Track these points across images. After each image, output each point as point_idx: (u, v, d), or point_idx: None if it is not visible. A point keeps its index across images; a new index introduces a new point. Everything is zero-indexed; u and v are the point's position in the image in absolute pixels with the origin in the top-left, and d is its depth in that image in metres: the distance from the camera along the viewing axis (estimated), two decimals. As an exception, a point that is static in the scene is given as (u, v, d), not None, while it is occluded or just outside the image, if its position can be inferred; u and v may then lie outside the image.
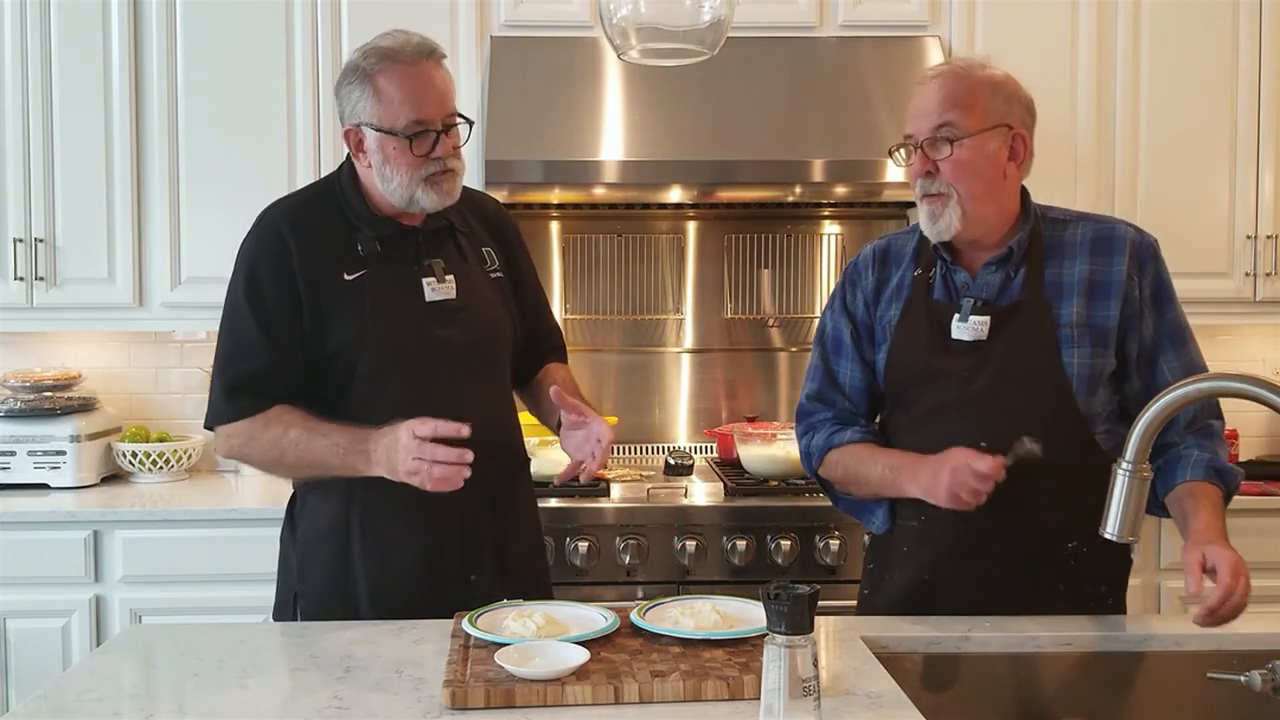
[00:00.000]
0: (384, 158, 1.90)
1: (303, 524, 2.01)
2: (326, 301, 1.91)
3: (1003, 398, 1.81)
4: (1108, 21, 3.23)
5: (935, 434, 1.84)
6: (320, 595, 1.97)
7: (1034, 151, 1.89)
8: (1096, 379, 1.82)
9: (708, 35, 1.75)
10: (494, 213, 2.16)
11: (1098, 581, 1.86)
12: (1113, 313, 1.82)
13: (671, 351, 3.56)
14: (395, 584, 1.92)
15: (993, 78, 1.85)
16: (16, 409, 3.17)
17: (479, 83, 3.15)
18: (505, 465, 2.03)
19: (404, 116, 1.88)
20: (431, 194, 1.91)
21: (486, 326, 2.01)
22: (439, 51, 1.95)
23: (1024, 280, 1.84)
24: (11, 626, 2.89)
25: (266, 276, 1.92)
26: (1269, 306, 3.28)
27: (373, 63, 1.90)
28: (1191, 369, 1.84)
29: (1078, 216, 1.92)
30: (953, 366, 1.84)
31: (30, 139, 3.13)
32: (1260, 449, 3.56)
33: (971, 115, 1.80)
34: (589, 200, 3.17)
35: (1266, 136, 3.24)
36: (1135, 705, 1.71)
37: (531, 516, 2.13)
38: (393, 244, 1.96)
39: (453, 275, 1.97)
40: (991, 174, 1.82)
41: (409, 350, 1.93)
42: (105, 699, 1.47)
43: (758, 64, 3.08)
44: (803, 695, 1.19)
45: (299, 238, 1.93)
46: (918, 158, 1.82)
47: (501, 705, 1.40)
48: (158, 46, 3.14)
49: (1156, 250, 1.88)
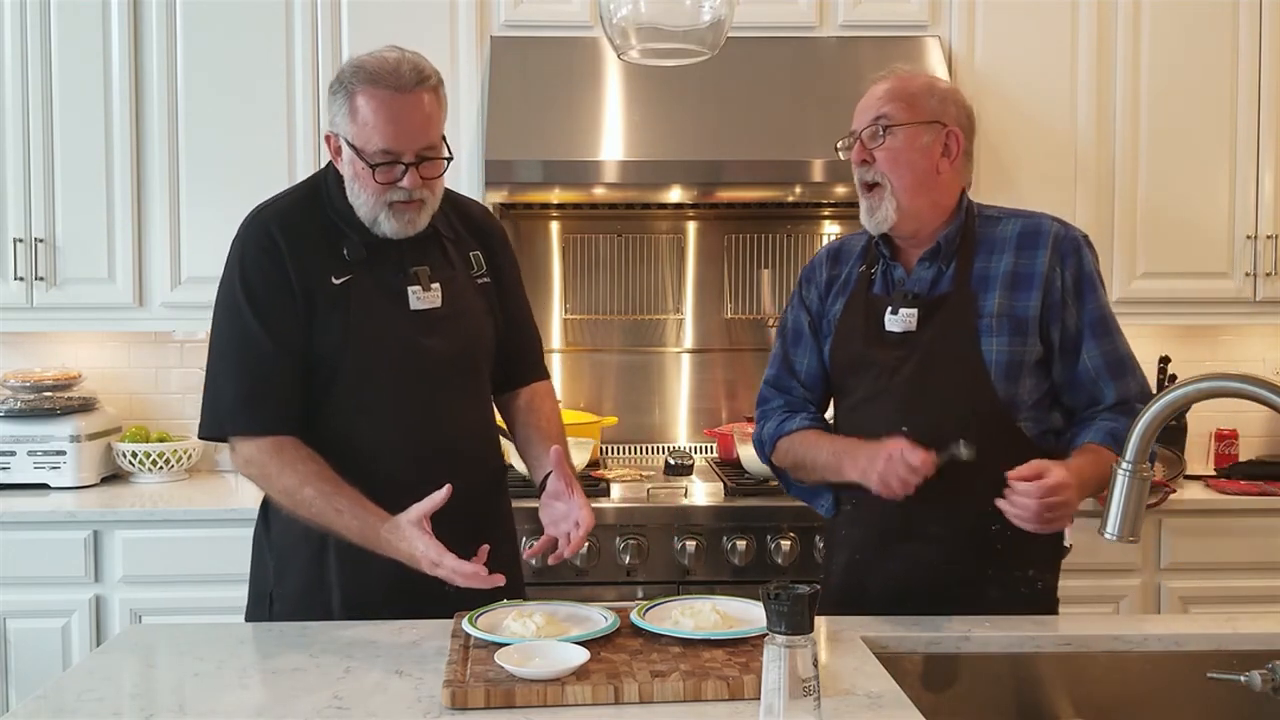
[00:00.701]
0: (353, 174, 1.89)
1: (277, 526, 1.99)
2: (314, 305, 1.90)
3: (925, 386, 1.91)
4: (1108, 21, 3.23)
5: (865, 421, 1.97)
6: (294, 600, 1.95)
7: (971, 155, 1.98)
8: (1016, 367, 1.89)
9: (708, 35, 1.75)
10: (480, 219, 2.14)
11: (1025, 565, 1.90)
12: (1033, 303, 1.89)
13: (671, 351, 3.56)
14: (370, 594, 1.89)
15: (933, 82, 1.98)
16: (16, 409, 3.17)
17: (479, 83, 3.15)
18: (484, 476, 2.03)
19: (373, 143, 1.84)
20: (393, 221, 1.89)
21: (470, 336, 2.00)
22: (432, 80, 1.88)
23: (953, 274, 1.93)
24: (11, 626, 2.89)
25: (263, 278, 1.90)
26: (1269, 306, 3.28)
27: (355, 81, 1.85)
28: (1112, 359, 1.92)
29: (1010, 213, 2.00)
30: (883, 357, 1.94)
31: (30, 139, 3.13)
32: (1260, 449, 3.55)
33: (906, 109, 1.91)
34: (589, 200, 3.17)
35: (1266, 136, 3.24)
36: (1135, 705, 1.71)
37: (508, 526, 2.13)
38: (379, 250, 1.93)
39: (438, 283, 1.96)
40: (924, 166, 1.92)
41: (392, 358, 1.92)
42: (105, 699, 1.47)
43: (758, 64, 3.08)
44: (803, 695, 1.19)
45: (289, 239, 1.91)
46: (856, 147, 1.94)
47: (501, 705, 1.40)
48: (158, 47, 3.14)
49: (1080, 244, 1.95)
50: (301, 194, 2.02)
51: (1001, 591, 1.88)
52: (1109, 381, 1.91)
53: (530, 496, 2.79)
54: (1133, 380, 1.94)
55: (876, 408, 1.95)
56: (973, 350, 1.88)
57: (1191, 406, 1.97)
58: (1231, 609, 2.91)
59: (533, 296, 2.30)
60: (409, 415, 1.92)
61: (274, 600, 1.98)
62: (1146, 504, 1.52)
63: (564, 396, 3.53)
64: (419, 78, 1.86)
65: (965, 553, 1.89)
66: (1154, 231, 3.25)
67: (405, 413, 1.92)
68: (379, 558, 1.84)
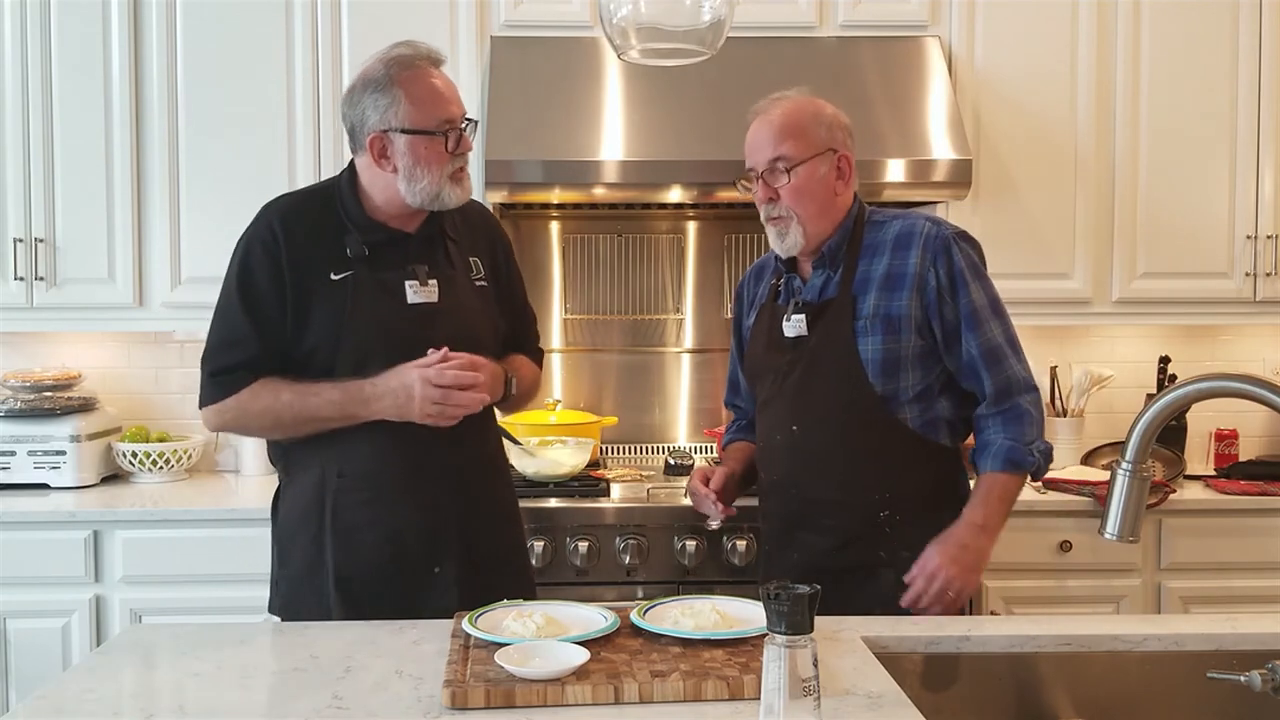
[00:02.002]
0: (414, 159, 1.99)
1: (281, 512, 2.10)
2: (311, 299, 1.99)
3: (811, 387, 2.06)
4: (1108, 21, 3.23)
5: (766, 423, 2.16)
6: (295, 580, 2.05)
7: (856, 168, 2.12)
8: (893, 363, 2.02)
9: (708, 35, 1.75)
10: (481, 220, 2.23)
11: (913, 548, 1.99)
12: (905, 301, 2.02)
13: (671, 351, 3.56)
14: (360, 571, 2.00)
15: (815, 109, 2.09)
16: (16, 409, 3.17)
17: (479, 83, 3.15)
18: (478, 465, 2.11)
19: (436, 115, 1.99)
20: (456, 190, 2.03)
21: (466, 330, 2.06)
22: (444, 59, 2.08)
23: (840, 279, 2.07)
24: (11, 626, 2.89)
25: (258, 269, 2.00)
26: (1269, 306, 3.28)
27: (397, 70, 1.99)
28: (987, 348, 2.02)
29: (895, 216, 2.12)
30: (779, 362, 2.11)
31: (30, 139, 3.13)
32: (1260, 449, 3.56)
33: (801, 145, 2.04)
34: (589, 200, 3.17)
35: (1266, 136, 3.24)
36: (1135, 705, 1.71)
37: (509, 516, 2.20)
38: (381, 248, 2.03)
39: (436, 280, 2.05)
40: (824, 195, 2.06)
41: (386, 350, 1.99)
42: (105, 699, 1.47)
43: (758, 64, 3.08)
44: (803, 695, 1.19)
45: (289, 233, 2.01)
46: (760, 187, 2.06)
47: (501, 705, 1.40)
48: (158, 46, 3.14)
49: (950, 241, 2.04)
50: (315, 191, 2.15)
51: (895, 574, 1.99)
52: (984, 370, 2.02)
53: (556, 495, 2.84)
54: (1009, 368, 2.03)
55: (773, 409, 2.12)
56: (850, 350, 2.02)
57: (1191, 406, 1.98)
58: (1231, 609, 2.91)
59: (533, 296, 2.31)
60: None
61: (277, 583, 2.09)
62: (1146, 504, 1.52)
63: (564, 396, 3.54)
64: (439, 58, 2.06)
65: (858, 540, 2.05)
66: (1154, 231, 3.25)
67: None
68: (368, 537, 1.98)
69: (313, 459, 2.04)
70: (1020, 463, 2.01)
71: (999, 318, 2.05)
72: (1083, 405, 3.42)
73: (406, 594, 1.99)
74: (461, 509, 2.06)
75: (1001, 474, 2.01)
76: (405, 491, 2.01)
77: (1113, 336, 3.57)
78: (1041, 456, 2.04)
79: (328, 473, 2.02)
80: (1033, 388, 2.06)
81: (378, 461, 2.01)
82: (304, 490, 2.05)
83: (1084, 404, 3.42)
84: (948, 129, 3.05)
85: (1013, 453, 2.01)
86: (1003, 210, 3.21)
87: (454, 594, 1.99)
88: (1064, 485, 3.09)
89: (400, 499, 2.01)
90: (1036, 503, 2.99)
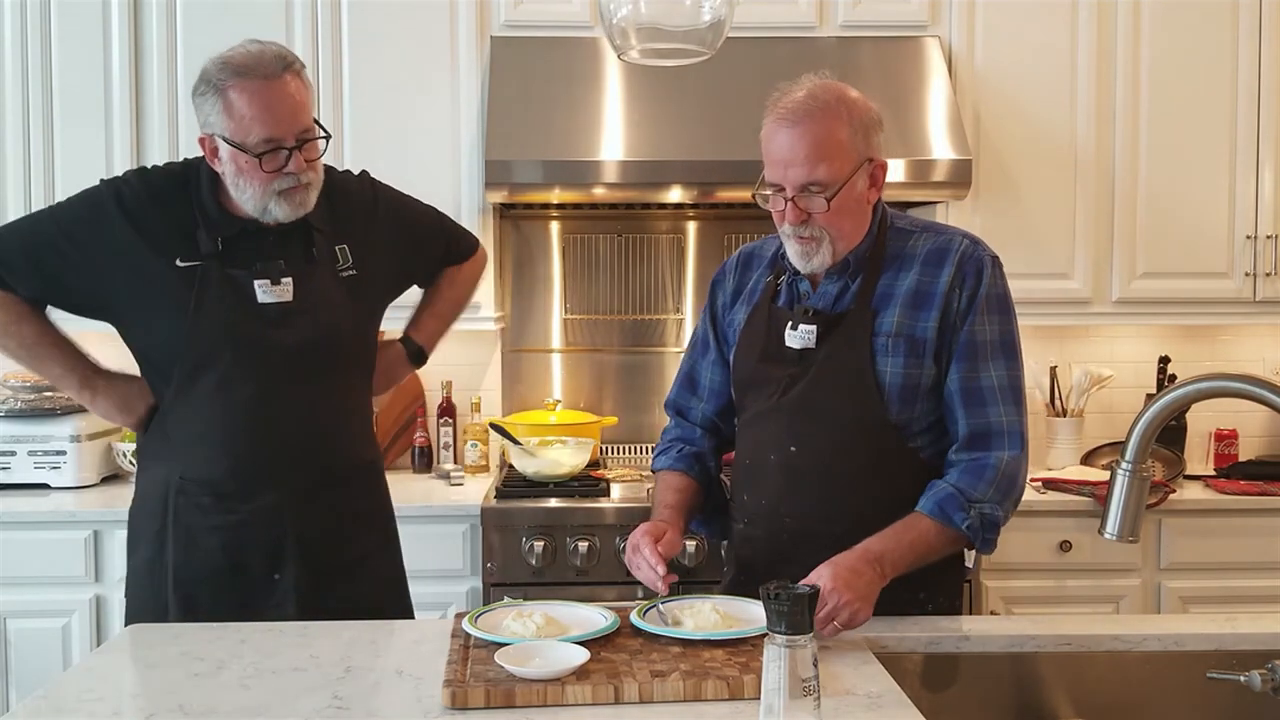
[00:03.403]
0: (236, 170, 1.91)
1: (134, 503, 2.07)
2: (154, 286, 1.94)
3: (814, 404, 1.82)
4: (1108, 21, 3.23)
5: (753, 438, 1.91)
6: (137, 573, 2.03)
7: (887, 166, 1.86)
8: (912, 390, 1.78)
9: (707, 35, 1.75)
10: (353, 197, 2.13)
11: (914, 589, 1.79)
12: (930, 324, 1.78)
13: (672, 351, 3.56)
14: (198, 574, 1.96)
15: (847, 112, 1.78)
16: (16, 409, 3.17)
17: (479, 83, 3.15)
18: (323, 468, 2.03)
19: (254, 134, 1.87)
20: (284, 206, 1.93)
21: (321, 330, 2.00)
22: (296, 64, 1.93)
23: (857, 290, 1.83)
24: (11, 626, 2.89)
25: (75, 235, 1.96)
26: (1269, 306, 3.28)
27: (224, 77, 1.88)
28: (967, 385, 1.78)
29: (924, 228, 1.88)
30: (778, 373, 1.86)
31: (30, 139, 3.13)
32: (1260, 449, 3.56)
33: (838, 166, 1.75)
34: (589, 200, 3.17)
35: (1266, 136, 3.24)
36: (1135, 705, 1.71)
37: (369, 524, 2.12)
38: (234, 243, 1.97)
39: (291, 278, 1.98)
40: (859, 210, 1.81)
41: (230, 349, 1.94)
42: (105, 699, 1.47)
43: (758, 64, 3.08)
44: (803, 695, 1.19)
45: (130, 220, 1.95)
46: (791, 209, 1.78)
47: (501, 705, 1.40)
48: (158, 46, 3.14)
49: (984, 265, 1.81)
50: (174, 173, 2.04)
51: (894, 610, 1.75)
52: (961, 409, 1.78)
53: (556, 495, 2.84)
54: (993, 415, 1.78)
55: (767, 425, 1.87)
56: (866, 369, 1.78)
57: (1191, 406, 1.97)
58: (1231, 609, 2.91)
59: (533, 296, 2.32)
60: (237, 406, 1.96)
61: (128, 571, 2.06)
62: (1146, 504, 1.52)
63: (564, 396, 3.54)
64: (284, 64, 1.90)
65: None
66: (1154, 231, 3.25)
67: (233, 403, 1.96)
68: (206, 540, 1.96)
69: (161, 454, 2.01)
70: (950, 516, 1.73)
71: (1005, 360, 1.80)
72: (1082, 405, 3.42)
73: (244, 600, 1.94)
74: (304, 517, 1.99)
75: (926, 518, 1.74)
76: (245, 498, 1.96)
77: (1112, 336, 3.57)
78: (980, 521, 1.73)
79: (171, 472, 1.97)
80: (1017, 445, 1.77)
81: (219, 466, 1.96)
82: (153, 484, 2.01)
83: (1084, 404, 3.42)
84: (948, 129, 3.05)
85: (948, 502, 1.73)
86: (1003, 210, 3.21)
87: (292, 601, 1.96)
88: (1064, 485, 3.10)
89: (239, 505, 1.96)
90: (1036, 503, 2.99)
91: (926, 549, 1.74)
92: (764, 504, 1.89)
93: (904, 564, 1.71)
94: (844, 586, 1.62)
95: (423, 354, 2.30)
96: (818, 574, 1.64)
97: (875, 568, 1.67)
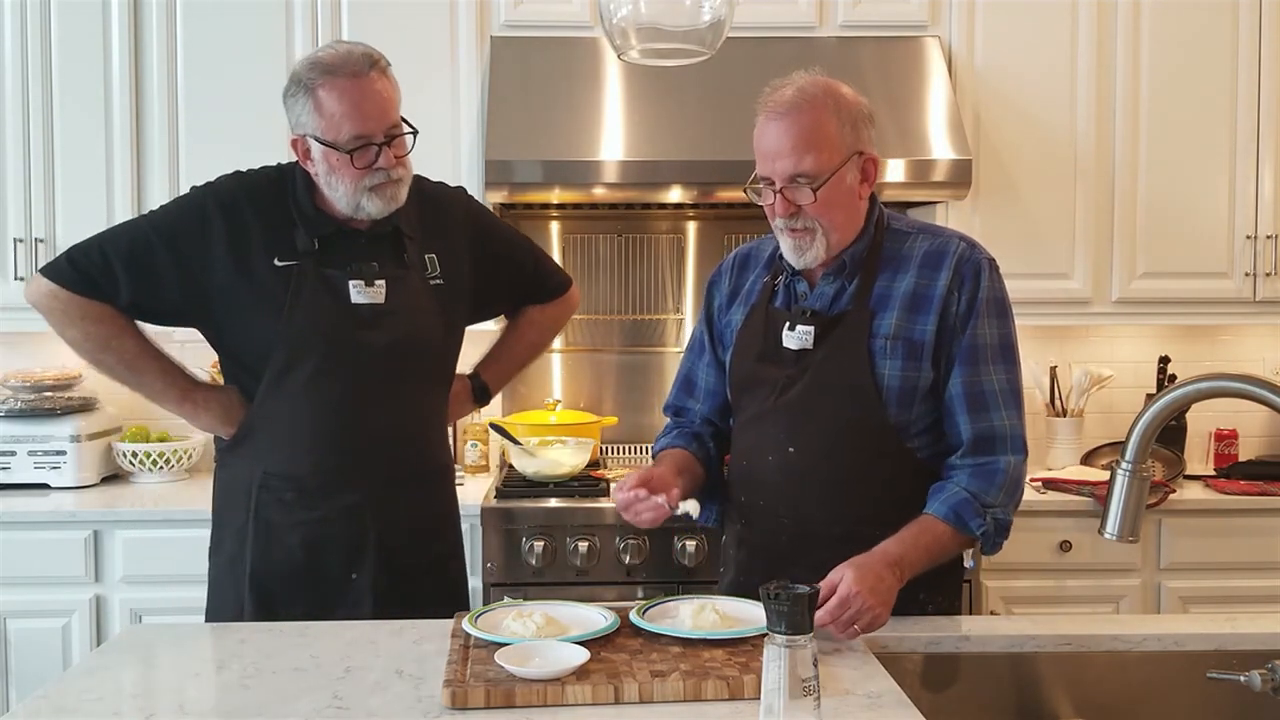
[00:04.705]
0: (329, 168, 1.94)
1: (217, 497, 2.08)
2: (252, 285, 1.96)
3: (812, 405, 1.83)
4: (1108, 21, 3.23)
5: (750, 439, 1.91)
6: (220, 568, 2.04)
7: (879, 161, 1.85)
8: (910, 392, 1.79)
9: (707, 35, 1.75)
10: (446, 208, 2.15)
11: (914, 589, 1.76)
12: (929, 326, 1.79)
13: (672, 351, 3.56)
14: (276, 570, 1.98)
15: (835, 104, 1.80)
16: (16, 409, 3.17)
17: (479, 83, 3.15)
18: (405, 469, 2.04)
19: (345, 131, 1.91)
20: (376, 202, 1.95)
21: (411, 332, 2.02)
22: (382, 62, 1.96)
23: (855, 291, 1.84)
24: (11, 626, 2.89)
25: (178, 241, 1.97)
26: (1269, 306, 3.28)
27: (314, 76, 1.92)
28: (971, 389, 1.79)
29: (921, 229, 1.89)
30: (776, 375, 1.86)
31: (30, 139, 3.13)
32: (1260, 449, 3.56)
33: (827, 157, 1.76)
34: (589, 200, 3.17)
35: (1266, 136, 3.24)
36: (1135, 705, 1.71)
37: (441, 529, 2.14)
38: (330, 243, 1.99)
39: (384, 280, 2.00)
40: (850, 202, 1.82)
41: (321, 347, 1.96)
42: (105, 699, 1.47)
43: (758, 64, 3.07)
44: (803, 695, 1.19)
45: (230, 222, 1.97)
46: (779, 201, 1.79)
47: (501, 705, 1.40)
48: (158, 46, 3.14)
49: (982, 268, 1.82)
50: (268, 175, 2.08)
51: (893, 613, 1.72)
52: (963, 414, 1.79)
53: (556, 495, 2.84)
54: (996, 419, 1.79)
55: (765, 426, 1.87)
56: (864, 371, 1.79)
57: (1191, 406, 1.97)
58: (1231, 609, 2.91)
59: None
60: (327, 403, 1.97)
61: (210, 566, 2.07)
62: (1146, 504, 1.52)
63: (564, 396, 3.54)
64: (370, 62, 1.93)
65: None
66: (1154, 232, 3.25)
67: (324, 400, 1.97)
68: (285, 538, 1.96)
69: (244, 451, 2.01)
70: (966, 521, 1.74)
71: (1004, 364, 1.82)
72: (1082, 405, 3.42)
73: (321, 600, 1.95)
74: (385, 517, 2.01)
75: (940, 522, 1.75)
76: (327, 495, 1.97)
77: (1113, 336, 3.57)
78: (994, 526, 1.77)
79: (255, 468, 1.99)
80: (1021, 449, 1.80)
81: (304, 462, 1.97)
82: (236, 479, 2.03)
83: (1084, 404, 3.42)
84: (947, 129, 3.05)
85: (964, 506, 1.75)
86: (1003, 210, 3.21)
87: (369, 602, 1.97)
88: (1064, 485, 3.10)
89: (321, 502, 1.97)
90: (1037, 503, 2.99)
91: (940, 552, 1.77)
92: (762, 505, 1.89)
93: (919, 567, 1.73)
94: (868, 591, 1.62)
95: (487, 392, 2.30)
96: (839, 574, 1.64)
97: (895, 571, 1.68)
